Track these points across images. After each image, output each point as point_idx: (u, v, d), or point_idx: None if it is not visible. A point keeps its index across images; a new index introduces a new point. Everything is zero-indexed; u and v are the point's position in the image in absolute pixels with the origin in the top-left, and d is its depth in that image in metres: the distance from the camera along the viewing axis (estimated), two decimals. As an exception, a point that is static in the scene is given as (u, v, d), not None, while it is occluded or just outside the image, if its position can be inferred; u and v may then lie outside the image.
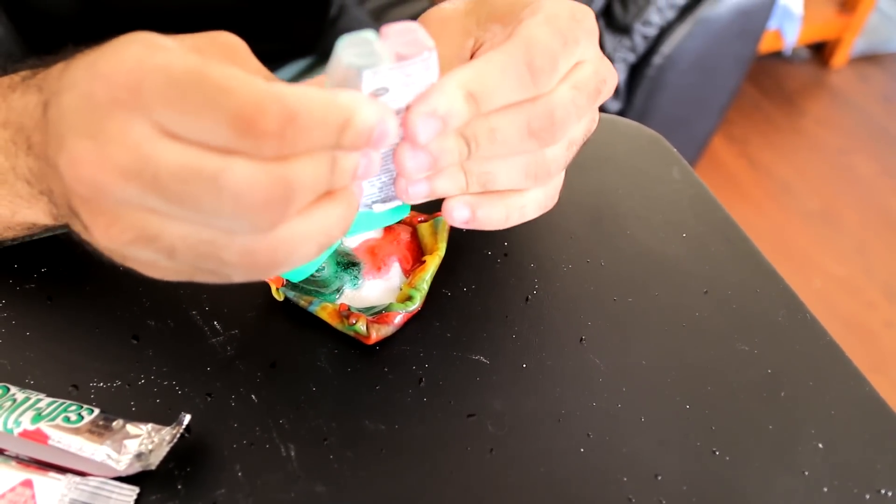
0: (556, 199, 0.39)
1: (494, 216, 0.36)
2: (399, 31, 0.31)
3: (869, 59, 2.18)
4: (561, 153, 0.36)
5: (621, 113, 1.32)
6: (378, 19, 1.23)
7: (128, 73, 0.27)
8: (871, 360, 1.49)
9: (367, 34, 0.31)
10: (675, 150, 0.56)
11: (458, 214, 0.36)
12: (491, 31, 0.36)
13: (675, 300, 0.47)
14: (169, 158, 0.27)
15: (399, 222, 0.48)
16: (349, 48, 0.30)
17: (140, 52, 0.27)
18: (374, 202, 0.37)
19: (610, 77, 0.37)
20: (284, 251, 0.29)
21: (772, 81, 2.09)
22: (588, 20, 0.35)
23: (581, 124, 0.37)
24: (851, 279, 1.63)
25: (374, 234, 0.47)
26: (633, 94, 1.29)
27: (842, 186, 1.84)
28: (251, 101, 0.26)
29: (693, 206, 0.52)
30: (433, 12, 0.38)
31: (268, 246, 0.29)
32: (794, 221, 1.75)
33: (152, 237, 0.29)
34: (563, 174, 0.39)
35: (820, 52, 2.16)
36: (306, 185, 0.28)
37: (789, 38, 1.91)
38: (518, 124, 0.33)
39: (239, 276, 0.30)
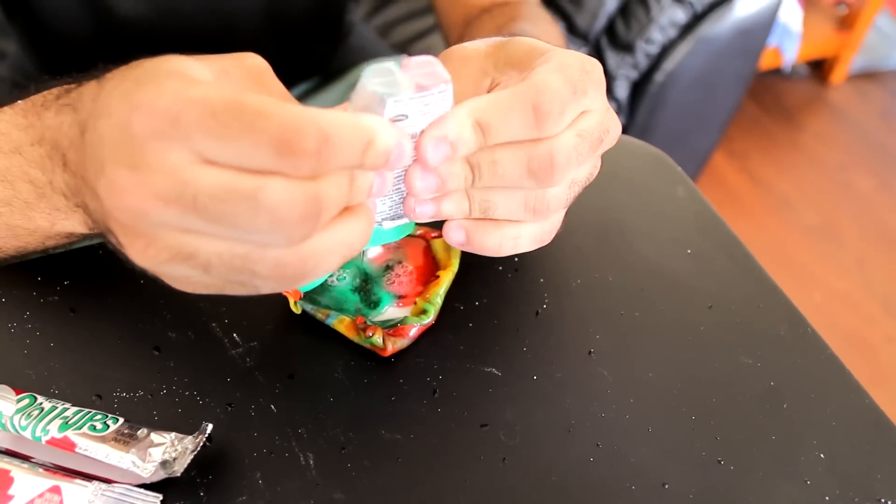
0: (552, 235, 0.40)
1: (488, 243, 0.38)
2: (419, 63, 0.33)
3: (867, 75, 2.20)
4: (562, 192, 0.38)
5: (624, 129, 1.34)
6: (384, 36, 1.25)
7: (166, 105, 0.28)
8: (871, 374, 1.49)
9: (390, 64, 0.33)
10: (679, 168, 0.58)
11: (455, 236, 0.38)
12: (507, 74, 0.38)
13: (680, 315, 0.48)
14: (208, 181, 0.28)
15: (414, 237, 0.49)
16: (373, 77, 0.32)
17: (177, 86, 0.29)
18: (383, 219, 0.39)
19: (613, 127, 0.38)
20: (312, 263, 0.31)
21: (772, 98, 2.11)
22: (597, 72, 0.37)
23: (584, 168, 0.39)
24: (851, 293, 1.64)
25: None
26: (635, 111, 1.31)
27: (841, 201, 1.85)
28: (290, 124, 0.28)
29: (697, 223, 0.54)
30: (456, 50, 0.40)
31: (297, 258, 0.31)
32: (794, 236, 1.76)
33: (189, 255, 0.30)
34: (563, 212, 0.40)
35: (819, 69, 2.18)
36: (333, 201, 0.30)
37: (788, 55, 1.93)
38: (519, 161, 0.35)
39: (267, 288, 0.32)
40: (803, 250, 1.73)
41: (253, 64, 0.35)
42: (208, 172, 0.28)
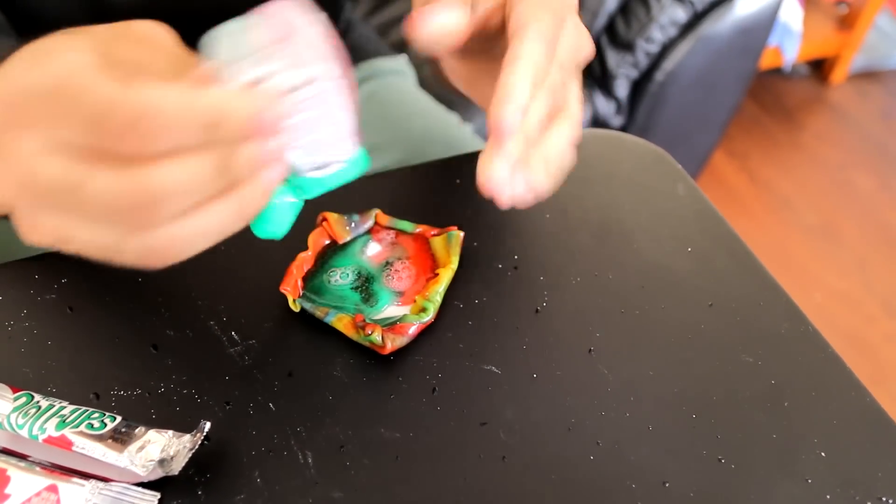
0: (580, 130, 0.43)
1: (544, 173, 0.40)
2: (274, 14, 0.32)
3: (868, 75, 2.20)
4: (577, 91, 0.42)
5: (624, 128, 1.34)
6: (384, 35, 1.24)
7: (13, 93, 0.29)
8: (872, 374, 1.49)
9: (241, 22, 0.31)
10: (679, 166, 0.58)
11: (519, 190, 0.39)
12: None
13: (680, 313, 0.48)
14: (44, 172, 0.28)
15: (413, 235, 0.49)
16: (223, 39, 0.31)
17: (21, 71, 0.30)
18: (310, 168, 0.37)
19: (585, 44, 0.42)
20: (179, 247, 0.31)
21: (772, 97, 2.10)
22: None
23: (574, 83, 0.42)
24: (851, 293, 1.64)
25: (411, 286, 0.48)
26: (635, 110, 1.31)
27: (841, 201, 1.85)
28: (101, 102, 0.27)
29: (698, 221, 0.54)
30: None
31: (161, 245, 0.30)
32: (794, 236, 1.76)
33: (65, 240, 0.31)
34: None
35: (819, 68, 2.18)
36: (179, 187, 0.29)
37: (789, 54, 1.93)
38: (546, 106, 0.39)
39: (153, 265, 0.32)
40: (803, 250, 1.73)
41: (141, 30, 0.34)
42: (49, 162, 0.28)
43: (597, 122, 1.31)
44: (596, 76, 1.29)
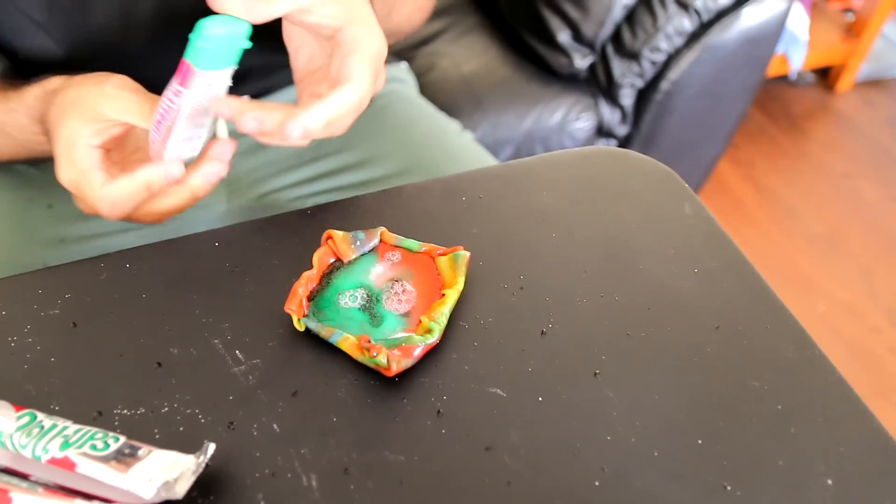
0: None
1: None
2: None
3: (874, 83, 2.19)
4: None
5: (629, 136, 1.33)
6: (401, 56, 1.24)
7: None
8: (876, 386, 1.49)
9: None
10: (686, 185, 0.57)
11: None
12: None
13: (687, 335, 0.47)
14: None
15: (419, 254, 0.49)
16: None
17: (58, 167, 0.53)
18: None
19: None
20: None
21: (777, 106, 2.10)
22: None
23: None
24: (856, 304, 1.64)
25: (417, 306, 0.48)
26: (640, 119, 1.30)
27: (847, 211, 1.84)
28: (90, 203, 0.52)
29: (705, 241, 0.53)
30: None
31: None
32: (799, 245, 1.76)
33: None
34: None
35: (825, 76, 2.17)
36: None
37: (795, 62, 1.92)
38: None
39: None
40: (808, 259, 1.72)
41: (115, 85, 0.51)
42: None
43: (602, 130, 1.31)
44: (601, 85, 1.28)
